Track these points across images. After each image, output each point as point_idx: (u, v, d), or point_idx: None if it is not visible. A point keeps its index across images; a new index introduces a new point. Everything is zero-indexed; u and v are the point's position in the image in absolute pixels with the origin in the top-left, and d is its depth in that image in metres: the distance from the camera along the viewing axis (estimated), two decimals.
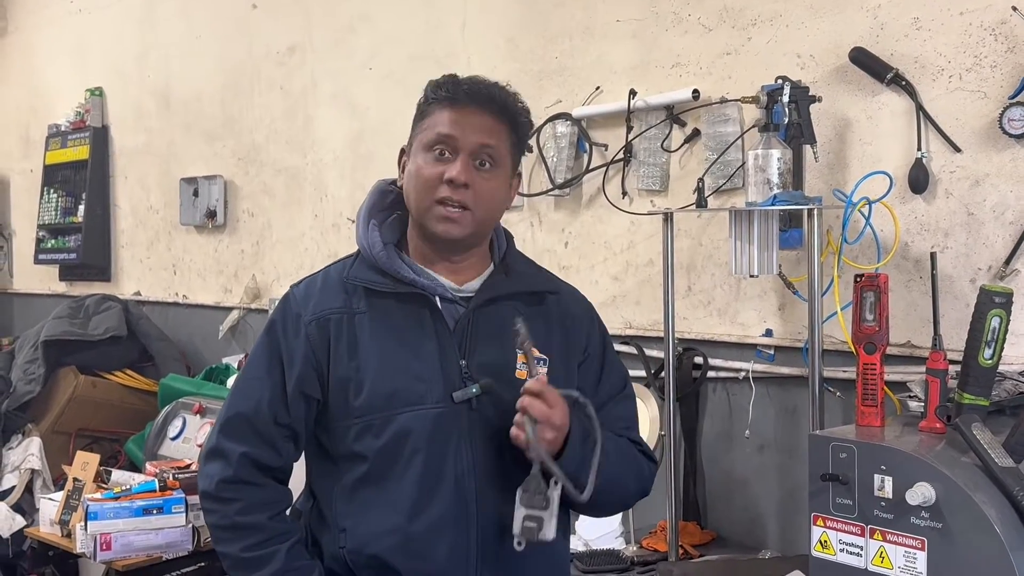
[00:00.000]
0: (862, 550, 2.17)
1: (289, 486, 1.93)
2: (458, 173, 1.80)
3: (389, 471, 1.82)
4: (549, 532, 1.73)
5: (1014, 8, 2.63)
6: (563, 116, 3.62)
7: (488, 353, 1.85)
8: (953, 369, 2.33)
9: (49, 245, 6.16)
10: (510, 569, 1.85)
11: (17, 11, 6.71)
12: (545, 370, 1.84)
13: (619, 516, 3.11)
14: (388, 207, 1.96)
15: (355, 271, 1.90)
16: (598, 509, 2.02)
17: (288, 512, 1.92)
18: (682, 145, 3.34)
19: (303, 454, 1.95)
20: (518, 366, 1.85)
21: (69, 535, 3.54)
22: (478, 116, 1.84)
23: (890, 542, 2.12)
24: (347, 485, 1.85)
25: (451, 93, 1.85)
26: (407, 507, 1.81)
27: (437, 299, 1.87)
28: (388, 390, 1.81)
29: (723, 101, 3.18)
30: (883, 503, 2.13)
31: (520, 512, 1.73)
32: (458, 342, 1.85)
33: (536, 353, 1.82)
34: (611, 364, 2.00)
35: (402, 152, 1.93)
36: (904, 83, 2.80)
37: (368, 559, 1.82)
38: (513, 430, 1.75)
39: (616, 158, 3.48)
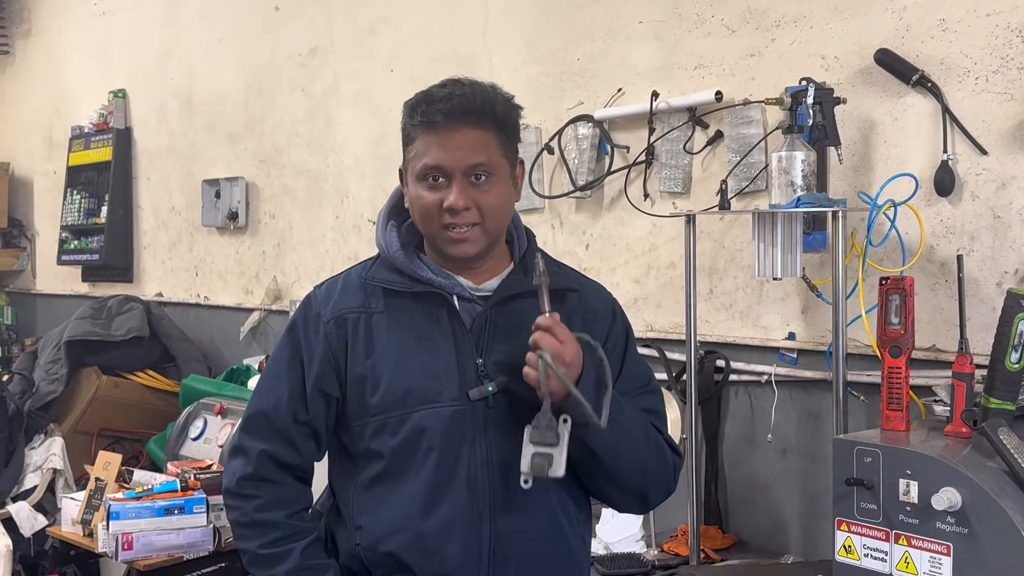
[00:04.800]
0: (887, 555, 2.16)
1: (311, 487, 1.95)
2: (455, 199, 1.79)
3: (404, 468, 1.83)
4: (559, 468, 1.69)
5: None
6: (585, 118, 3.61)
7: (505, 351, 1.84)
8: (979, 373, 2.31)
9: (72, 246, 6.19)
10: (525, 570, 1.84)
11: (41, 13, 6.76)
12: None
13: (640, 519, 3.10)
14: (408, 209, 1.96)
15: (374, 271, 1.92)
16: (615, 484, 1.88)
17: (308, 512, 1.94)
18: (705, 147, 3.32)
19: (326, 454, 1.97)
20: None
21: (91, 535, 3.56)
22: (460, 134, 1.80)
23: (915, 547, 2.11)
24: (364, 483, 1.86)
25: (427, 117, 1.81)
26: (420, 504, 1.81)
27: (454, 298, 1.87)
28: (404, 388, 1.83)
29: (746, 103, 3.16)
30: (908, 508, 2.11)
31: (529, 449, 1.70)
32: (475, 340, 1.85)
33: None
34: (632, 360, 1.97)
35: (401, 172, 1.92)
36: (930, 85, 2.78)
37: (382, 556, 1.83)
38: (525, 369, 1.73)
39: (638, 160, 3.47)
